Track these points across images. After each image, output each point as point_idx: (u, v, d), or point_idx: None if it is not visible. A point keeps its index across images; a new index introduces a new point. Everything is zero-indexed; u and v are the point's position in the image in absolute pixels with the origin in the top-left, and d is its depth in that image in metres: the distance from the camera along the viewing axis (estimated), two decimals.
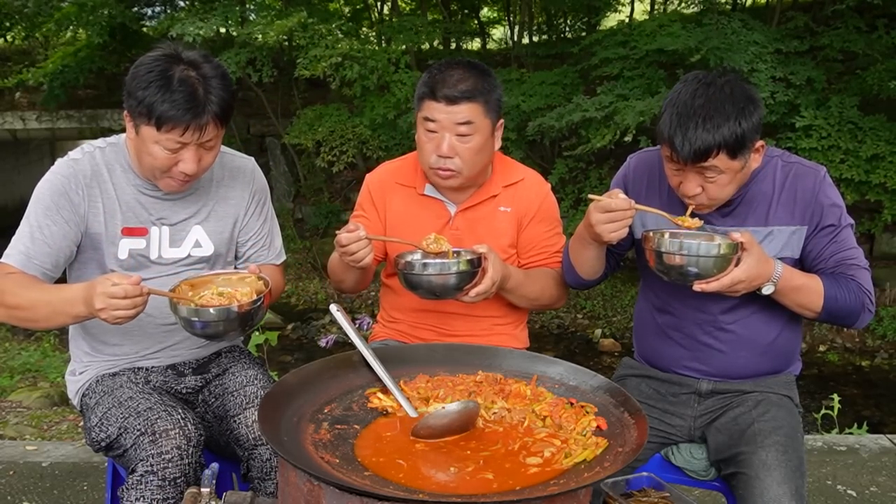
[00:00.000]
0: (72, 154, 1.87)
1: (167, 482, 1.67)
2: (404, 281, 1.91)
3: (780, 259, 1.84)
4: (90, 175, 1.84)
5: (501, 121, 2.05)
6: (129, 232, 1.88)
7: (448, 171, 1.99)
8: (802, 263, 1.88)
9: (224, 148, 1.97)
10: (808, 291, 1.79)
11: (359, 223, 1.94)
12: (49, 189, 1.81)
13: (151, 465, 1.67)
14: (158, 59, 1.73)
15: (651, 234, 1.77)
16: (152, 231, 1.90)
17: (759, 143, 1.76)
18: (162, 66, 1.71)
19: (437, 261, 1.86)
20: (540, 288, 2.11)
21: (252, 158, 2.10)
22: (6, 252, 1.80)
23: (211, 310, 1.66)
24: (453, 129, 1.95)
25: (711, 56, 7.18)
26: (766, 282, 1.74)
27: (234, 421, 1.88)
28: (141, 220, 1.89)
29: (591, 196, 1.81)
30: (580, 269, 2.02)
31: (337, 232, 1.91)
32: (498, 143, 2.07)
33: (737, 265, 1.70)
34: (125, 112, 1.78)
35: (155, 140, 1.73)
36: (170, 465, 1.68)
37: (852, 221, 1.87)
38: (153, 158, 1.76)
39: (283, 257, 2.17)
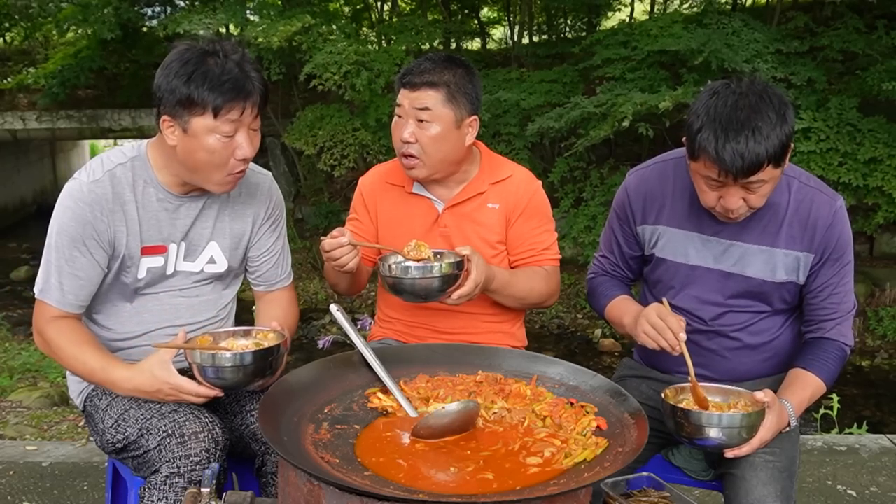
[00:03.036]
0: (92, 172, 1.80)
1: (193, 485, 1.65)
2: (388, 286, 1.91)
3: (783, 284, 1.85)
4: (112, 198, 1.78)
5: (475, 117, 2.05)
6: (148, 251, 1.85)
7: (411, 159, 2.03)
8: (801, 288, 1.88)
9: None
10: (815, 393, 1.83)
11: (344, 229, 1.95)
12: (73, 218, 1.76)
13: (178, 468, 1.66)
14: (190, 51, 1.71)
15: (671, 405, 1.65)
16: (171, 248, 1.88)
17: (791, 145, 1.72)
18: (197, 58, 1.70)
19: (420, 264, 1.85)
20: (527, 288, 2.10)
21: (270, 174, 2.06)
22: (40, 287, 1.80)
23: (226, 354, 1.65)
24: (415, 115, 1.99)
25: (713, 58, 7.19)
26: (786, 427, 1.75)
27: (252, 416, 1.88)
28: (162, 236, 1.86)
29: (664, 300, 1.82)
30: (608, 320, 2.06)
31: (321, 239, 1.91)
32: (469, 139, 2.07)
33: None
34: (163, 119, 1.73)
35: (211, 129, 1.69)
36: (197, 467, 1.66)
37: (852, 258, 1.87)
38: (209, 153, 1.72)
39: (291, 278, 2.13)
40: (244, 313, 2.13)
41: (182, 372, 1.73)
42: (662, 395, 1.68)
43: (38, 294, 1.81)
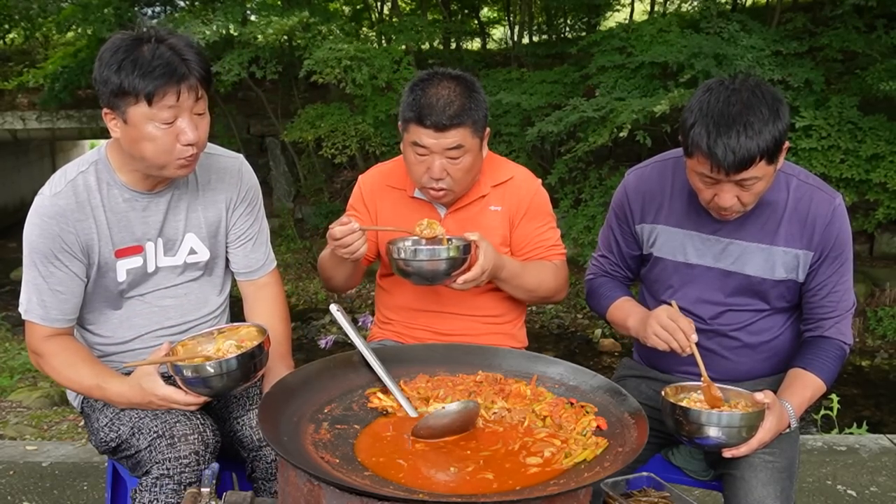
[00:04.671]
0: (54, 185, 1.77)
1: (183, 487, 1.65)
2: (395, 267, 1.93)
3: (782, 281, 1.85)
4: (76, 208, 1.75)
5: (487, 130, 2.04)
6: (123, 253, 1.82)
7: (442, 191, 2.01)
8: (801, 287, 1.88)
9: (210, 146, 1.89)
10: (815, 394, 1.83)
11: (349, 217, 1.95)
12: (41, 235, 1.75)
13: (167, 469, 1.66)
14: (123, 40, 1.66)
15: (671, 402, 1.66)
16: (147, 247, 1.86)
17: (786, 143, 1.72)
18: (128, 45, 1.65)
19: (428, 247, 1.89)
20: (537, 280, 2.10)
21: (241, 157, 2.01)
22: (24, 307, 1.80)
23: (208, 365, 1.64)
24: (443, 154, 1.95)
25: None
26: (786, 428, 1.74)
27: (238, 423, 1.87)
28: (135, 237, 1.83)
29: (673, 302, 1.83)
30: (609, 321, 2.06)
31: (330, 226, 1.90)
32: (486, 151, 2.07)
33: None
34: (104, 112, 1.69)
35: (149, 118, 1.64)
36: (186, 469, 1.66)
37: (851, 256, 1.87)
38: (152, 142, 1.66)
39: (274, 264, 2.08)
40: (242, 314, 2.13)
41: (169, 377, 1.73)
42: (662, 394, 1.68)
43: (24, 314, 1.81)
